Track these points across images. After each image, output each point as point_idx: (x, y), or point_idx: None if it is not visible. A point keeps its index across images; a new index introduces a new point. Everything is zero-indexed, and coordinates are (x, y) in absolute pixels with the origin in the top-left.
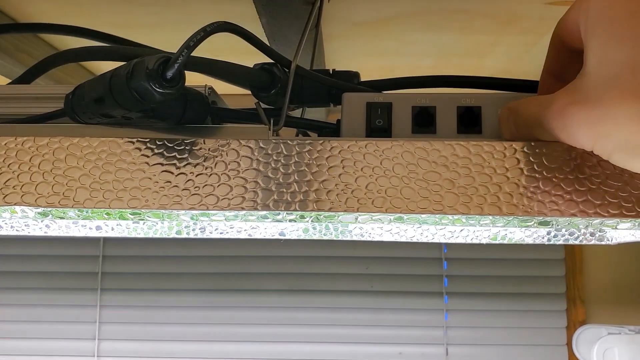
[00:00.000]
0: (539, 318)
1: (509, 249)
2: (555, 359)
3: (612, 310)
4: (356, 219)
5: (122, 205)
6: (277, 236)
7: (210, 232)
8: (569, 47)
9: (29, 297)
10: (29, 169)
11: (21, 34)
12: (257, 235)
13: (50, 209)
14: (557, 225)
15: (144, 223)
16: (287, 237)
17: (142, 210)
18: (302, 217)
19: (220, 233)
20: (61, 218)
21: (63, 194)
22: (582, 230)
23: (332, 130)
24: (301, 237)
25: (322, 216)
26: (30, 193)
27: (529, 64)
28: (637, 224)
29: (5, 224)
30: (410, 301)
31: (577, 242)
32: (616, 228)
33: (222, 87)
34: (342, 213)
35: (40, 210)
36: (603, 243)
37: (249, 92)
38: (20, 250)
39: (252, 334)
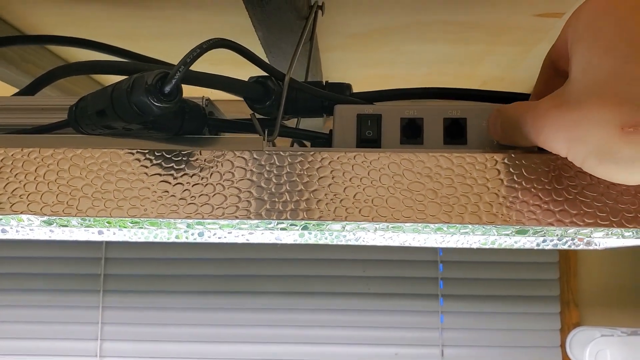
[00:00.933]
0: (534, 320)
1: (504, 253)
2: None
3: (606, 312)
4: (344, 227)
5: (122, 214)
6: (273, 241)
7: (209, 237)
8: (557, 69)
9: (33, 299)
10: (35, 178)
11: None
12: (255, 240)
13: (54, 217)
14: (535, 234)
15: (143, 229)
16: (284, 241)
17: (141, 218)
18: (293, 225)
19: (219, 238)
20: (65, 226)
21: (67, 203)
22: (564, 239)
23: (324, 140)
24: (297, 242)
25: (311, 225)
26: (35, 202)
27: (522, 72)
28: (610, 233)
29: (11, 228)
30: (406, 303)
31: (565, 247)
32: (590, 237)
33: (221, 93)
34: (330, 222)
35: (45, 218)
36: (591, 248)
37: None
38: (24, 252)
39: (250, 335)
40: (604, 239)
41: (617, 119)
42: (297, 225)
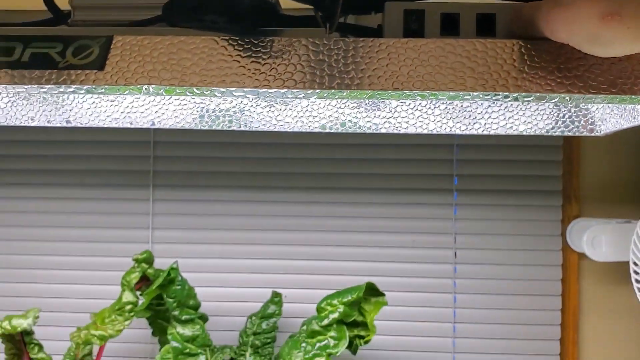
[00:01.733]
0: (538, 212)
1: (513, 152)
2: (551, 247)
3: (603, 206)
4: (399, 96)
5: (226, 86)
6: (318, 129)
7: (257, 126)
8: None
9: (89, 193)
10: (151, 59)
11: None
12: (302, 128)
13: (173, 87)
14: (550, 101)
15: (208, 115)
16: (327, 130)
17: (242, 89)
18: (362, 94)
19: (268, 127)
20: (178, 95)
21: (180, 77)
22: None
23: (374, 33)
24: (339, 131)
25: (376, 94)
26: (155, 77)
27: None
28: (607, 100)
29: (109, 107)
30: (424, 197)
31: (571, 134)
32: (593, 103)
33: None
34: (390, 91)
35: (167, 88)
36: (593, 135)
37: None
38: (83, 151)
39: (282, 224)
40: (604, 124)
41: (598, 11)
42: (365, 94)
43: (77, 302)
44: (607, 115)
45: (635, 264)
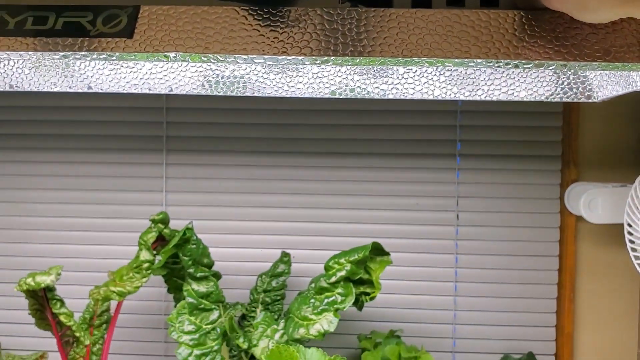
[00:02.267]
0: (538, 176)
1: (514, 118)
2: (549, 210)
3: (601, 171)
4: (408, 63)
5: (247, 54)
6: (328, 95)
7: (270, 92)
8: None
9: (105, 157)
10: (176, 28)
11: None
12: (313, 94)
13: (198, 54)
14: (548, 67)
15: (225, 81)
16: (337, 96)
17: (262, 57)
18: (373, 61)
19: (280, 93)
20: (202, 62)
21: (204, 45)
22: (569, 92)
23: (384, 3)
24: (348, 96)
25: (387, 61)
26: (181, 45)
27: None
28: (601, 67)
29: (134, 72)
30: (428, 162)
31: (569, 100)
32: (588, 70)
33: None
34: (400, 58)
35: (192, 55)
36: (590, 101)
37: None
38: (98, 117)
39: (292, 188)
40: (601, 90)
41: None
42: (376, 62)
43: (95, 262)
44: (604, 82)
45: (629, 225)
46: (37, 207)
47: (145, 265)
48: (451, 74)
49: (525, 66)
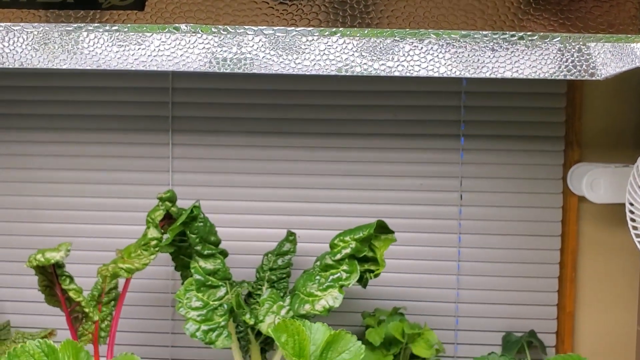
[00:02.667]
0: (541, 157)
1: (518, 99)
2: (552, 190)
3: (604, 152)
4: (415, 35)
5: (257, 25)
6: (335, 72)
7: (277, 69)
8: None
9: (112, 137)
10: (187, 1)
11: None
12: (320, 71)
13: (209, 26)
14: (553, 40)
15: (229, 60)
16: (344, 73)
17: (272, 28)
18: (380, 33)
19: (287, 70)
20: (213, 34)
21: (214, 18)
22: (573, 70)
23: None
24: (354, 73)
25: (395, 33)
26: (191, 17)
27: None
28: (604, 39)
29: (148, 45)
30: (432, 142)
31: (573, 78)
32: (592, 42)
33: None
34: (407, 30)
35: (203, 26)
36: (594, 78)
37: None
38: (105, 97)
39: (296, 168)
40: (605, 68)
41: None
42: (384, 33)
43: (101, 241)
44: (608, 60)
45: (631, 204)
46: (45, 187)
47: (153, 242)
48: (456, 51)
49: (530, 38)
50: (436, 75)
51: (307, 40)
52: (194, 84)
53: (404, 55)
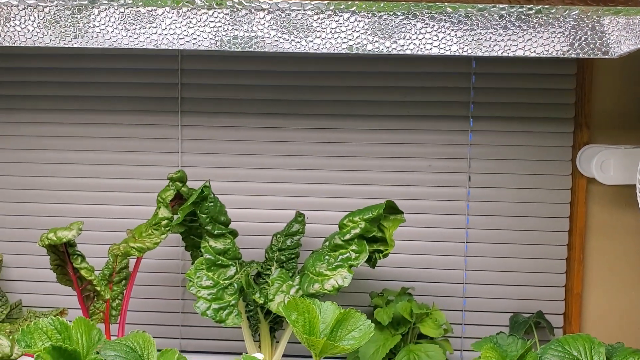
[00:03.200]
0: (550, 138)
1: (527, 80)
2: (561, 172)
3: (614, 134)
4: (432, 7)
5: None
6: (346, 51)
7: (288, 48)
8: None
9: (121, 118)
10: None
11: None
12: (331, 50)
13: None
14: (570, 14)
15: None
16: (355, 51)
17: (287, 1)
18: (393, 8)
19: (298, 48)
20: (228, 7)
21: None
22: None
23: None
24: (366, 52)
25: (411, 6)
26: None
27: None
28: (623, 12)
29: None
30: (441, 124)
31: (586, 56)
32: (609, 15)
33: None
34: (423, 3)
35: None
36: (607, 57)
37: None
38: (114, 79)
39: (305, 150)
40: (618, 46)
41: None
42: (400, 6)
43: (112, 221)
44: (622, 37)
45: None
46: (56, 168)
47: (164, 222)
48: (468, 30)
49: (547, 12)
50: (447, 53)
51: (319, 18)
52: (203, 66)
53: (415, 33)
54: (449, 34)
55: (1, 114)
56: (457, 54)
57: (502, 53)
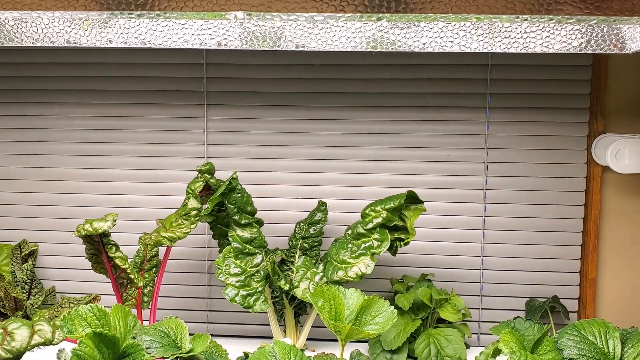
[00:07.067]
0: (566, 128)
1: (544, 71)
2: (577, 160)
3: (629, 123)
4: (458, 19)
5: (306, 12)
6: (370, 49)
7: (314, 46)
8: None
9: (149, 111)
10: None
11: None
12: (356, 48)
13: (261, 12)
14: (587, 24)
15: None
16: (378, 49)
17: (321, 15)
18: (416, 16)
19: (321, 44)
20: (265, 20)
21: (267, 4)
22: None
23: None
24: (389, 50)
25: (439, 17)
26: (245, 4)
27: None
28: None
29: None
30: (459, 114)
31: (602, 52)
32: (628, 24)
33: None
34: (450, 15)
35: (256, 13)
36: (623, 52)
37: None
38: (141, 73)
39: (326, 141)
40: (634, 42)
41: None
42: (428, 18)
43: (140, 211)
44: (638, 34)
45: None
46: (88, 160)
47: (194, 212)
48: (488, 28)
49: (567, 22)
50: (468, 50)
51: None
52: (228, 60)
53: (437, 31)
54: (469, 32)
55: (39, 107)
56: (477, 50)
57: (521, 50)
